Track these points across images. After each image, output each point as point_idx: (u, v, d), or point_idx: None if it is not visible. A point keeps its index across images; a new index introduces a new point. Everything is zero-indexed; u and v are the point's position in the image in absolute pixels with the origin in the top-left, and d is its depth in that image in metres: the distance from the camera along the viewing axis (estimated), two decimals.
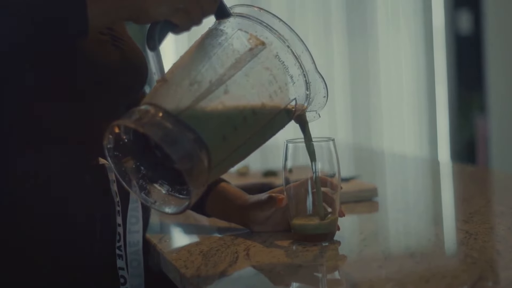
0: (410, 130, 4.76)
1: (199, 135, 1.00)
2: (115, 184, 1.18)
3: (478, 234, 1.17)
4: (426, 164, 2.48)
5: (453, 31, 4.83)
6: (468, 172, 2.08)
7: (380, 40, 4.63)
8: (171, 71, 1.07)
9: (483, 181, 1.85)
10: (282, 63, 1.09)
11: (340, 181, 1.20)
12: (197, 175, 1.00)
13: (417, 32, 4.73)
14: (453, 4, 4.82)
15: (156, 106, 1.01)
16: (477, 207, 1.40)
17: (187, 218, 1.43)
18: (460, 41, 4.83)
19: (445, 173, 2.08)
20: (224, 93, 1.03)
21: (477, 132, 4.71)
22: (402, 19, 4.71)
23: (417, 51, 4.72)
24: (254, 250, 1.15)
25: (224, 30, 1.09)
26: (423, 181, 1.98)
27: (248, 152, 1.11)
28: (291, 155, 1.21)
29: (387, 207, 1.52)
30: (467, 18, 4.84)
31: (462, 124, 4.80)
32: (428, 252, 1.12)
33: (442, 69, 4.81)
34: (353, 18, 4.56)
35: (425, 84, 4.76)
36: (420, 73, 4.74)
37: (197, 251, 1.17)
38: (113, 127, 1.02)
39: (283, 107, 1.10)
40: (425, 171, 2.20)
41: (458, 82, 4.83)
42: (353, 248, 1.16)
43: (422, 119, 4.78)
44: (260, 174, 1.76)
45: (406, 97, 4.73)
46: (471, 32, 4.83)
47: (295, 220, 1.19)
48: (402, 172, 2.16)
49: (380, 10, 4.65)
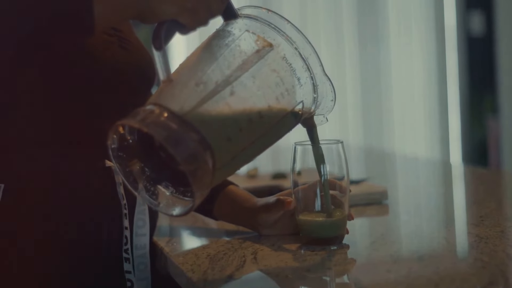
0: (421, 132, 4.73)
1: (204, 136, 0.99)
2: (122, 187, 1.18)
3: (489, 237, 1.16)
4: (437, 166, 2.46)
5: (464, 32, 4.80)
6: (479, 174, 2.06)
7: (392, 41, 4.61)
8: (177, 72, 1.06)
9: (494, 183, 1.83)
10: (289, 65, 1.08)
11: (349, 184, 1.19)
12: (201, 177, 0.99)
13: (429, 34, 4.70)
14: (465, 5, 4.79)
15: (161, 106, 1.00)
16: (488, 210, 1.38)
17: (196, 221, 1.42)
18: (472, 43, 4.80)
19: (456, 175, 2.07)
20: (230, 94, 1.02)
21: (489, 133, 4.68)
22: (414, 20, 4.68)
23: (428, 53, 4.70)
24: (261, 254, 1.14)
25: (232, 31, 1.08)
26: (434, 183, 1.96)
27: (254, 154, 1.10)
28: (299, 157, 1.19)
29: (397, 210, 1.50)
30: (479, 19, 4.81)
31: (474, 126, 4.77)
32: (437, 256, 1.11)
33: (454, 70, 4.78)
34: (364, 19, 4.54)
35: (437, 85, 4.73)
36: (431, 74, 4.72)
37: (204, 254, 1.16)
38: (117, 127, 1.01)
39: (289, 110, 1.09)
40: (436, 173, 2.19)
41: (470, 84, 4.80)
42: (362, 251, 1.15)
43: (434, 121, 4.75)
44: (269, 176, 1.74)
45: (417, 98, 4.71)
46: (483, 33, 4.80)
47: (301, 216, 1.18)
48: (413, 174, 2.15)
49: (392, 12, 4.63)
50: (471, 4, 4.79)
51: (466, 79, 4.78)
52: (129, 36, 1.28)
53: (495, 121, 4.60)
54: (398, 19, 4.64)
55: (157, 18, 1.03)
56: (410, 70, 4.68)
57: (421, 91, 4.71)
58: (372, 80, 4.58)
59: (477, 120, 4.76)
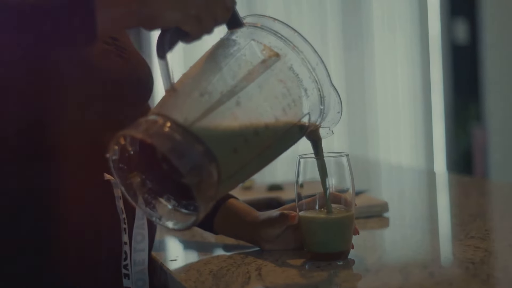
0: (406, 140, 4.74)
1: (209, 148, 0.96)
2: (121, 201, 1.14)
3: (498, 252, 1.14)
4: (428, 176, 2.44)
5: (449, 40, 4.80)
6: (475, 185, 2.04)
7: (376, 49, 4.61)
8: (180, 81, 1.03)
9: (492, 195, 1.81)
10: (296, 75, 1.05)
11: (355, 198, 1.16)
12: (205, 190, 0.95)
13: (413, 42, 4.71)
14: (449, 13, 4.80)
15: (164, 117, 0.96)
16: (492, 223, 1.36)
17: (193, 235, 1.38)
18: (456, 50, 4.81)
19: (450, 185, 2.04)
20: (236, 105, 0.99)
21: (473, 141, 4.68)
22: (398, 28, 4.69)
23: (413, 61, 4.71)
24: (266, 270, 1.11)
25: (237, 40, 1.05)
26: (430, 194, 1.94)
27: (259, 167, 1.07)
28: (303, 170, 1.16)
29: (397, 223, 1.47)
30: (463, 27, 4.82)
31: (459, 134, 4.78)
32: (448, 272, 1.08)
33: (438, 78, 4.79)
34: (349, 28, 4.54)
35: (421, 93, 4.74)
36: (416, 82, 4.73)
37: (206, 271, 1.12)
38: (118, 138, 0.98)
39: (296, 121, 1.06)
40: (429, 183, 2.17)
41: (454, 92, 4.81)
42: (369, 267, 1.12)
43: (418, 129, 4.75)
44: (265, 188, 1.71)
45: (402, 107, 4.71)
46: (467, 42, 4.81)
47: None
48: (406, 185, 2.12)
49: (376, 19, 4.63)
50: (455, 12, 4.80)
51: (451, 88, 4.79)
52: (127, 45, 1.25)
53: (480, 129, 4.60)
54: (383, 28, 4.64)
55: (161, 25, 0.99)
56: (395, 78, 4.68)
57: (406, 100, 4.71)
58: (357, 88, 4.57)
59: (462, 128, 4.77)
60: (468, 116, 4.74)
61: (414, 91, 4.73)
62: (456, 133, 4.80)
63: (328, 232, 1.14)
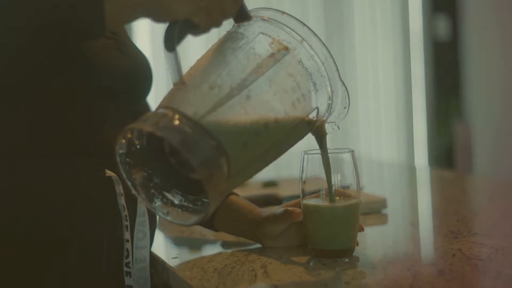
0: (387, 136, 4.75)
1: (219, 141, 0.96)
2: (122, 198, 1.12)
3: (505, 249, 1.14)
4: (417, 171, 2.44)
5: (431, 36, 4.83)
6: (466, 181, 2.05)
7: (357, 45, 4.62)
8: (188, 74, 1.02)
9: (487, 191, 1.81)
10: (305, 69, 1.04)
11: (360, 194, 1.15)
12: (216, 184, 0.95)
13: (395, 37, 4.72)
14: (431, 9, 4.82)
15: (174, 110, 0.96)
16: (493, 220, 1.36)
17: (192, 232, 1.37)
18: (438, 46, 4.83)
19: (440, 181, 2.05)
20: (246, 98, 0.99)
21: (455, 137, 4.71)
22: (380, 24, 4.70)
23: (394, 56, 4.72)
24: (272, 267, 1.10)
25: (245, 33, 1.04)
26: (423, 190, 1.94)
27: (266, 162, 1.07)
28: (306, 166, 1.15)
29: (397, 220, 1.47)
30: (445, 23, 4.84)
31: (440, 130, 4.80)
32: (457, 269, 1.08)
33: (420, 74, 4.81)
34: (330, 22, 4.54)
35: (403, 89, 4.76)
36: (397, 77, 4.74)
37: (211, 268, 1.11)
38: (126, 132, 0.96)
39: (305, 116, 1.05)
40: (419, 179, 2.18)
41: (436, 88, 4.83)
42: (376, 264, 1.11)
43: (400, 124, 4.77)
44: (260, 185, 1.70)
45: (383, 102, 4.73)
46: (449, 37, 4.83)
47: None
48: (396, 180, 2.13)
49: (358, 15, 4.64)
50: (437, 8, 4.82)
51: (432, 83, 4.81)
52: (126, 39, 1.23)
53: (461, 125, 4.63)
54: (364, 23, 4.65)
55: (170, 17, 0.98)
56: (376, 73, 4.69)
57: (387, 95, 4.73)
58: None
59: (443, 123, 4.80)
60: (449, 112, 4.77)
61: (396, 86, 4.74)
62: (437, 129, 4.82)
63: (333, 223, 1.13)
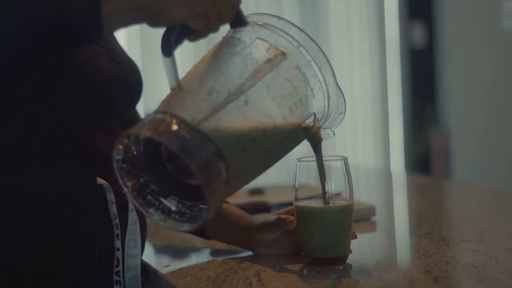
0: (363, 141, 4.78)
1: (218, 147, 0.96)
2: (114, 206, 1.12)
3: (498, 256, 1.15)
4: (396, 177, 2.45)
5: (407, 42, 4.87)
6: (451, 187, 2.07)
7: (333, 52, 4.65)
8: (185, 80, 1.02)
9: (472, 197, 1.83)
10: (303, 74, 1.05)
11: (353, 201, 1.15)
12: (214, 189, 0.96)
13: (371, 44, 4.76)
14: (407, 16, 4.86)
15: (172, 115, 0.96)
16: (483, 227, 1.38)
17: (182, 240, 1.37)
18: (414, 53, 4.88)
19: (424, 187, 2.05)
20: (244, 103, 1.00)
21: (431, 143, 4.76)
22: (356, 31, 4.74)
23: (371, 63, 4.75)
24: (265, 275, 1.10)
25: (242, 39, 1.05)
26: (409, 197, 1.96)
27: (263, 168, 1.08)
28: (299, 174, 1.15)
29: (386, 227, 1.48)
30: (421, 30, 4.88)
31: (416, 136, 4.85)
32: (452, 277, 1.09)
33: (396, 80, 4.85)
34: (306, 29, 4.53)
35: (379, 95, 4.80)
36: (374, 84, 4.78)
37: (204, 277, 1.11)
38: (123, 137, 0.96)
39: (302, 121, 1.05)
40: (402, 185, 2.19)
41: (412, 94, 4.87)
42: (371, 272, 1.12)
43: (376, 130, 4.81)
44: (247, 193, 1.70)
45: (359, 107, 4.76)
46: (425, 44, 4.87)
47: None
48: (380, 187, 2.14)
49: (334, 21, 4.68)
50: (413, 15, 4.86)
51: (408, 90, 4.86)
52: (117, 47, 1.23)
53: (437, 131, 4.68)
54: (340, 29, 4.68)
55: (169, 21, 0.99)
56: (352, 79, 4.72)
57: (363, 101, 4.76)
58: None
59: (419, 130, 4.84)
60: (425, 118, 4.81)
61: (372, 92, 4.79)
62: (413, 135, 4.87)
63: (326, 226, 1.13)
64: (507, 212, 1.58)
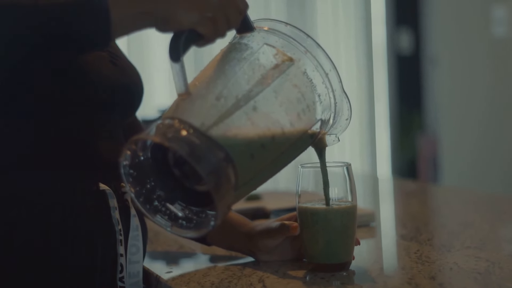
0: (350, 147, 4.80)
1: (227, 152, 0.97)
2: (116, 212, 1.11)
3: (501, 262, 1.16)
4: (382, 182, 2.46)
5: (394, 49, 4.89)
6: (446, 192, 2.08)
7: None
8: (193, 85, 1.03)
9: (468, 203, 1.84)
10: (310, 80, 1.06)
11: (356, 205, 1.16)
12: (223, 194, 0.96)
13: (358, 50, 4.78)
14: (394, 23, 4.89)
15: (180, 121, 0.97)
16: (484, 232, 1.39)
17: (181, 246, 1.37)
18: (400, 59, 4.90)
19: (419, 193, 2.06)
20: (252, 109, 1.00)
21: (418, 148, 4.78)
22: (343, 37, 4.76)
23: (358, 69, 4.77)
24: (269, 282, 1.11)
25: (249, 44, 1.05)
26: (405, 202, 1.96)
27: (270, 174, 1.09)
28: (302, 179, 1.16)
29: (386, 233, 1.48)
30: (407, 36, 4.91)
31: (403, 142, 4.87)
32: (457, 283, 1.10)
33: (383, 87, 4.87)
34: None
35: (366, 101, 4.82)
36: (361, 90, 4.79)
37: (207, 283, 1.11)
38: (131, 143, 0.96)
39: (309, 127, 1.06)
40: (397, 190, 2.19)
41: (399, 100, 4.90)
42: (375, 278, 1.12)
43: (363, 136, 4.83)
44: (244, 199, 1.69)
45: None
46: (412, 51, 4.90)
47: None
48: (374, 192, 2.14)
49: (321, 28, 4.69)
50: (400, 21, 4.89)
51: (395, 96, 4.88)
52: (118, 52, 1.23)
53: (424, 137, 4.70)
54: (327, 36, 4.69)
55: (176, 26, 0.99)
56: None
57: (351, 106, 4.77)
58: None
59: (406, 135, 4.86)
60: (412, 124, 4.84)
61: (359, 98, 4.80)
62: (400, 140, 4.89)
63: (329, 228, 1.13)
64: (506, 218, 1.60)
